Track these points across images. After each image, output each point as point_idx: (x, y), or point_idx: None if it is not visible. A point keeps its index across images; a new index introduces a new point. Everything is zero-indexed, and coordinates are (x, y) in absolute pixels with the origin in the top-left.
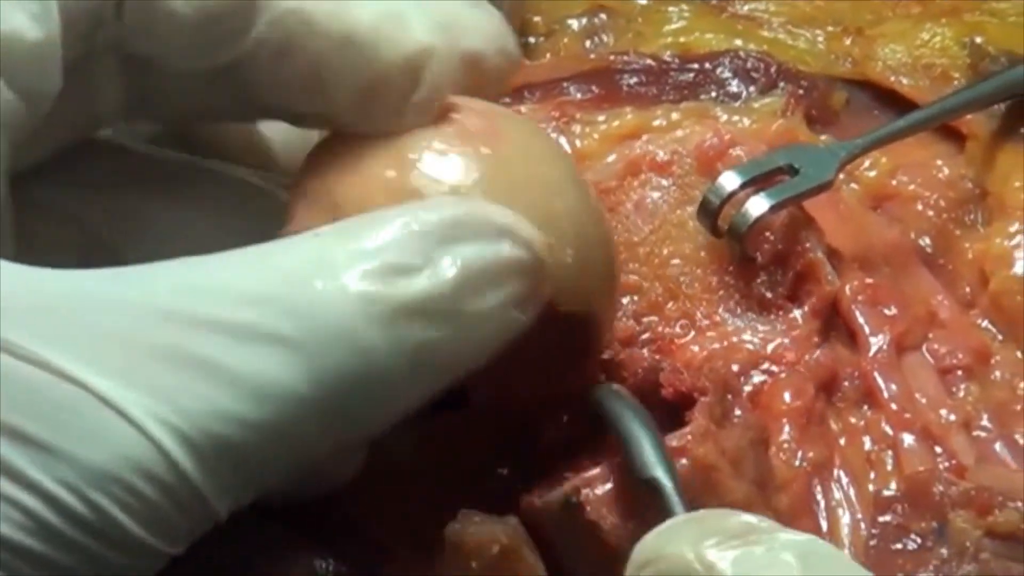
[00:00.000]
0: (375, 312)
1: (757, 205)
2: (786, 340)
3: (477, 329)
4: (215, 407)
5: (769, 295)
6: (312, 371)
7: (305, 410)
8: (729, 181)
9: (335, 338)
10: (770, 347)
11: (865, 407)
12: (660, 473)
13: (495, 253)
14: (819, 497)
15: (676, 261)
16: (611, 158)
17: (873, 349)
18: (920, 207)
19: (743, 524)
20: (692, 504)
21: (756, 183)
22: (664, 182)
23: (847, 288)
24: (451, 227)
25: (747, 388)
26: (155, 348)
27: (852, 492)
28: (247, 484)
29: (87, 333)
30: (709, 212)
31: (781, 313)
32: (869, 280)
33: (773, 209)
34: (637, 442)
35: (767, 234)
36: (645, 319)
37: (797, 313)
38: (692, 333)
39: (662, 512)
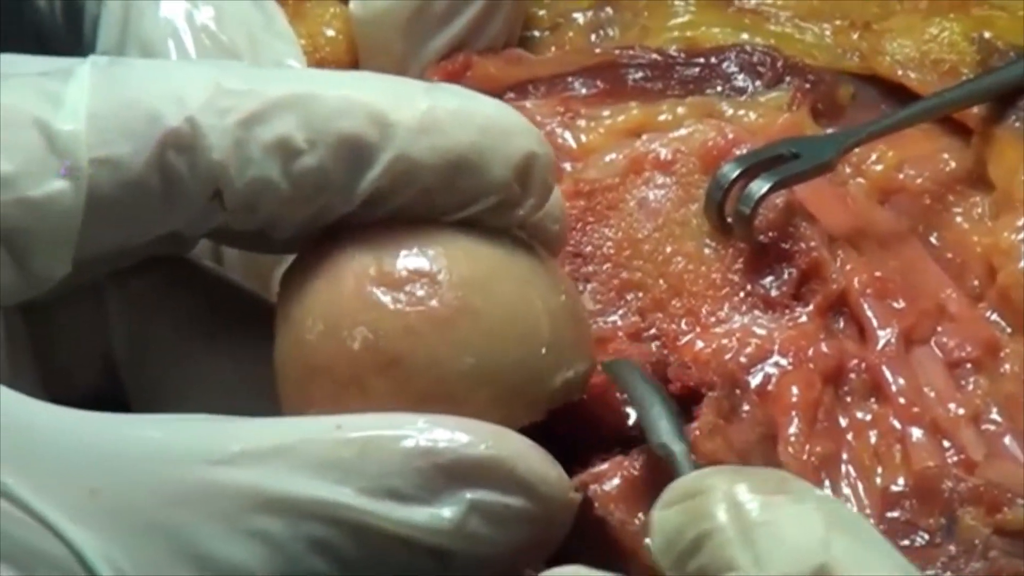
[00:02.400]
0: (366, 532)
1: (759, 186)
2: (792, 335)
3: (464, 565)
4: None
5: (774, 294)
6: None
7: None
8: (731, 170)
9: (318, 547)
10: (776, 342)
11: (873, 401)
12: (672, 440)
13: (506, 506)
14: (827, 491)
15: (680, 259)
16: (612, 156)
17: (881, 342)
18: (928, 201)
19: (780, 476)
20: None
21: (757, 170)
22: (667, 180)
23: (855, 281)
24: (468, 469)
25: (754, 382)
26: (139, 514)
27: (860, 487)
28: None
29: (75, 486)
30: (714, 202)
31: (786, 312)
32: (877, 273)
33: (775, 188)
34: (651, 412)
35: (771, 233)
36: (649, 315)
37: (802, 311)
38: (697, 330)
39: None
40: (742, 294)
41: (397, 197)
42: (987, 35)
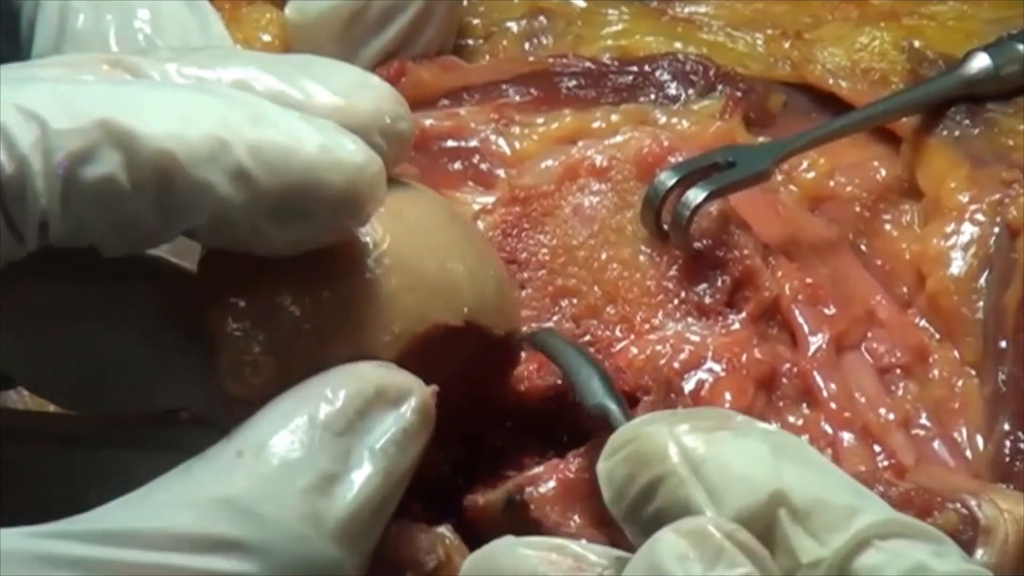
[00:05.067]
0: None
1: (696, 194)
2: (725, 342)
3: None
4: None
5: (708, 301)
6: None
7: None
8: (668, 177)
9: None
10: (710, 349)
11: (804, 406)
12: (606, 399)
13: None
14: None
15: (615, 266)
16: (548, 162)
17: (812, 348)
18: (858, 208)
19: (720, 413)
20: None
21: (694, 178)
22: (603, 187)
23: (786, 288)
24: (358, 417)
25: (688, 387)
26: None
27: None
28: None
29: None
30: (651, 210)
31: (719, 318)
32: (808, 280)
33: (711, 196)
34: (581, 374)
35: (705, 240)
36: (584, 322)
37: (735, 319)
38: (631, 336)
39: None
40: (676, 301)
41: (218, 237)
42: (917, 44)
